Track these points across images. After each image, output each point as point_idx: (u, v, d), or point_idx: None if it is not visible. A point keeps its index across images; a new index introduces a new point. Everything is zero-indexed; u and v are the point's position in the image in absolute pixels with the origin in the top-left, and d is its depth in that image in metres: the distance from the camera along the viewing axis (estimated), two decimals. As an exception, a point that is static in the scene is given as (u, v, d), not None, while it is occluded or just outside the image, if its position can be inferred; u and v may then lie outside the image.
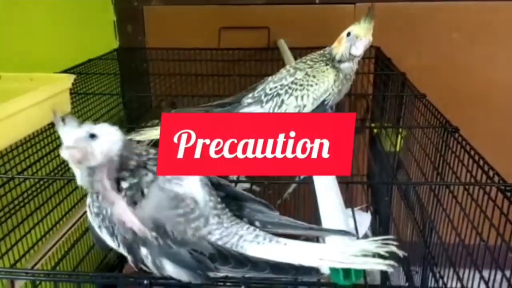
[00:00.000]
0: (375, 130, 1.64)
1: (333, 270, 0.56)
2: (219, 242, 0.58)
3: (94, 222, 0.61)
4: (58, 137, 1.11)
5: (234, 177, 1.68)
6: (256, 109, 0.89)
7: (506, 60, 1.79)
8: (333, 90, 0.90)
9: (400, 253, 0.54)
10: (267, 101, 0.88)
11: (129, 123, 1.58)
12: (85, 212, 0.70)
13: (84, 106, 1.33)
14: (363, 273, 0.57)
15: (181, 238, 0.57)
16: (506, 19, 1.75)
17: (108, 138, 0.60)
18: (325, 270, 0.57)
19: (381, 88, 1.57)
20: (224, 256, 0.57)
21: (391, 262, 0.54)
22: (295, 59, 1.48)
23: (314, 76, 0.88)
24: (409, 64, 1.57)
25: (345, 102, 1.73)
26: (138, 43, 1.91)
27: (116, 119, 1.54)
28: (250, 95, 0.92)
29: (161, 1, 1.88)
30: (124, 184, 0.59)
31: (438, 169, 1.03)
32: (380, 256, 0.54)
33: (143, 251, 0.58)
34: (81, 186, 0.61)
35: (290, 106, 0.88)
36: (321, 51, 0.95)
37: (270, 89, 0.89)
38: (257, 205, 0.66)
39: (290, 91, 0.88)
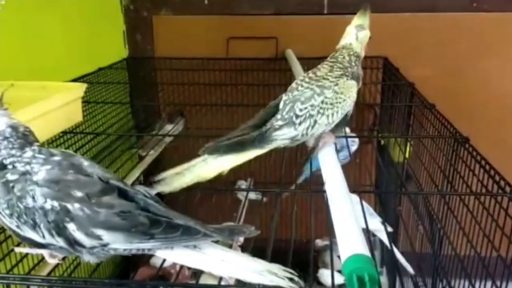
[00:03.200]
0: (383, 140, 1.64)
1: (348, 279, 0.56)
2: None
3: (11, 225, 0.61)
4: (71, 145, 1.12)
5: (244, 186, 1.68)
6: (289, 131, 0.87)
7: (514, 70, 1.79)
8: (354, 102, 0.91)
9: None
10: (300, 123, 0.87)
11: (138, 131, 1.59)
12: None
13: (94, 115, 1.34)
14: (379, 283, 0.58)
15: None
16: (513, 29, 1.76)
17: None
18: (340, 279, 0.58)
19: (390, 98, 1.57)
20: (154, 219, 0.58)
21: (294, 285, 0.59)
22: (303, 69, 1.49)
23: (342, 93, 0.88)
24: (417, 74, 1.58)
25: (353, 111, 1.74)
26: (147, 52, 1.93)
27: (126, 128, 1.55)
28: (278, 116, 0.89)
29: (170, 11, 1.89)
30: None
31: (448, 179, 1.03)
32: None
33: (71, 227, 0.58)
34: None
35: (322, 125, 0.88)
36: (338, 63, 0.93)
37: (300, 110, 0.87)
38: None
39: (322, 111, 0.87)
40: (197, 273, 1.72)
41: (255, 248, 0.94)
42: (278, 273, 0.60)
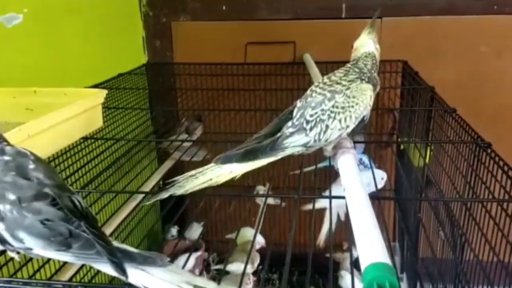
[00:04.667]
0: (403, 144, 1.63)
1: (368, 287, 0.56)
2: None
3: None
4: (92, 151, 1.14)
5: (263, 192, 1.68)
6: (300, 137, 0.87)
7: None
8: (370, 105, 0.90)
9: None
10: (310, 128, 0.86)
11: (157, 137, 1.60)
12: (120, 223, 0.69)
13: (114, 121, 1.35)
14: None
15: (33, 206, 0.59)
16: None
17: None
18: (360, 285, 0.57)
19: (409, 102, 1.56)
20: (75, 233, 0.59)
21: None
22: (322, 73, 1.49)
23: (354, 96, 0.87)
24: (437, 78, 1.56)
25: (371, 116, 1.73)
26: (166, 58, 1.95)
27: (145, 133, 1.56)
28: (290, 124, 0.89)
29: (188, 17, 1.91)
30: None
31: (470, 184, 1.02)
32: None
33: (1, 226, 0.60)
34: None
35: (335, 130, 0.87)
36: (355, 67, 0.93)
37: (311, 116, 0.87)
38: None
39: (332, 115, 0.86)
40: (216, 278, 1.72)
41: (274, 253, 0.94)
42: (197, 284, 0.60)
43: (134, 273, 0.59)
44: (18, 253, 0.65)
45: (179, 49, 1.94)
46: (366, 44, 0.96)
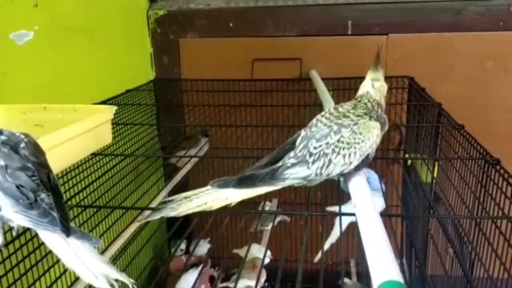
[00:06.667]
0: (409, 161, 1.63)
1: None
2: None
3: None
4: (102, 167, 1.14)
5: (269, 207, 1.68)
6: (302, 170, 0.84)
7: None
8: (376, 144, 0.88)
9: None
10: (313, 162, 0.84)
11: (164, 153, 1.60)
12: (130, 241, 0.69)
13: (123, 137, 1.36)
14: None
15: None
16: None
17: None
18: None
19: (416, 118, 1.56)
20: (38, 201, 0.67)
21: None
22: (328, 89, 1.50)
23: (360, 133, 0.85)
24: (443, 94, 1.57)
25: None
26: (174, 74, 1.96)
27: (153, 149, 1.57)
28: (292, 154, 0.86)
29: (196, 34, 1.92)
30: None
31: (479, 200, 1.01)
32: None
33: None
34: None
35: (338, 165, 0.85)
36: (362, 102, 0.90)
37: (315, 148, 0.84)
38: None
39: (337, 149, 0.84)
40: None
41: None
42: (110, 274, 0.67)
43: (73, 243, 0.67)
44: None
45: (186, 65, 1.95)
46: (363, 86, 0.94)
